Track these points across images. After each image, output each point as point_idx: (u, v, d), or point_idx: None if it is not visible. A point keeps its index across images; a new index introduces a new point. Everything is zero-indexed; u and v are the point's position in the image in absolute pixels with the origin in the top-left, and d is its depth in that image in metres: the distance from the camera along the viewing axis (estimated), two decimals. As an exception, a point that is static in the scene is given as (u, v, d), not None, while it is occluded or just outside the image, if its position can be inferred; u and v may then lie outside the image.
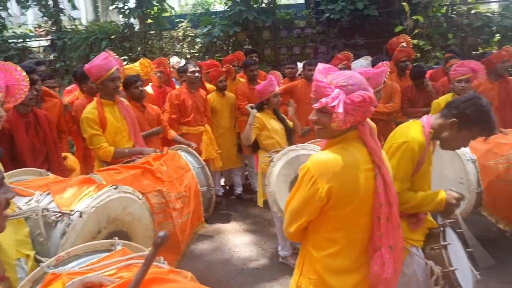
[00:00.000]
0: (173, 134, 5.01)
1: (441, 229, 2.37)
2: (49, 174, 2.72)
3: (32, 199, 2.18)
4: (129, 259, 1.58)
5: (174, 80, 6.61)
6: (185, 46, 9.64)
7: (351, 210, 1.75)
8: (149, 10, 10.17)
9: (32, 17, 15.53)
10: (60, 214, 2.08)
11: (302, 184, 1.80)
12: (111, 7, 10.65)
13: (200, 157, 3.78)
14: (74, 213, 2.08)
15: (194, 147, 4.21)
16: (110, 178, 2.84)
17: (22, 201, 2.19)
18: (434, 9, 7.63)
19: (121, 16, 10.20)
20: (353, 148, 1.79)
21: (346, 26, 8.09)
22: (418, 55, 7.43)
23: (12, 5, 11.83)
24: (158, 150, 3.54)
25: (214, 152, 5.47)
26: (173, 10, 11.43)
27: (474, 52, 7.36)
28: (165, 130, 4.95)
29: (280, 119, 4.35)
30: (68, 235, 2.04)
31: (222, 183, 6.35)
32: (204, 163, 3.70)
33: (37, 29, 11.04)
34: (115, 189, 2.35)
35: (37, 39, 10.67)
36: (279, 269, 4.09)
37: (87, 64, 3.43)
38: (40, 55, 10.31)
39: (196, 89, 5.50)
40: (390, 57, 6.04)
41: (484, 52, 6.43)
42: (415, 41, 7.42)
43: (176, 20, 10.48)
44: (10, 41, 10.31)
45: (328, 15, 8.02)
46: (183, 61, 7.24)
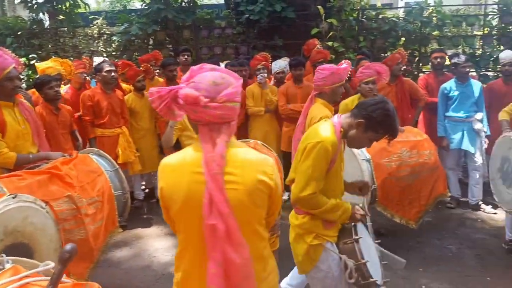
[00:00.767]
0: None
1: (353, 224, 2.49)
2: None
3: None
4: (23, 278, 1.37)
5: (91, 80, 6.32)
6: (101, 45, 9.20)
7: (178, 213, 1.68)
8: (60, 6, 9.55)
9: None
10: None
11: None
12: (17, 0, 9.86)
13: (114, 160, 3.63)
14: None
15: None
16: (12, 185, 2.63)
17: None
18: (347, 13, 8.02)
19: (29, 11, 9.49)
20: (194, 148, 1.71)
21: (266, 28, 8.22)
22: (333, 57, 7.77)
23: None
24: (67, 154, 3.34)
25: (132, 155, 5.28)
26: (87, 6, 10.86)
27: (383, 54, 7.86)
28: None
29: None
30: (-44, 251, 1.83)
31: (143, 187, 6.16)
32: (118, 166, 3.56)
33: None
34: (14, 198, 2.17)
35: None
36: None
37: (-20, 64, 3.12)
38: None
39: (112, 90, 5.27)
40: (307, 58, 6.25)
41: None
42: (330, 43, 7.75)
43: (91, 17, 9.97)
44: None
45: (248, 16, 8.10)
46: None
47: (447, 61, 5.87)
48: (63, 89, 5.48)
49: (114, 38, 8.98)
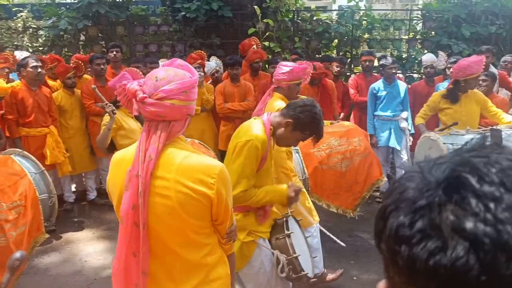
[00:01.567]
0: None
1: (285, 219, 2.55)
2: None
3: None
4: None
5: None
6: (26, 39, 8.64)
7: (116, 208, 1.68)
8: (-20, -4, 8.87)
9: None
10: None
11: None
12: None
13: (40, 162, 3.43)
14: None
15: None
16: None
17: None
18: (282, 14, 8.18)
19: None
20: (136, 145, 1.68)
21: (203, 26, 8.17)
22: (270, 56, 7.89)
23: None
24: (-14, 156, 3.11)
25: (62, 156, 5.02)
26: (11, -2, 10.17)
27: (318, 55, 8.10)
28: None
29: (138, 118, 4.18)
30: None
31: (74, 189, 5.88)
32: (44, 168, 3.37)
33: None
34: None
35: None
36: (136, 274, 3.94)
37: None
38: None
39: (38, 86, 4.98)
40: (243, 58, 6.29)
41: (326, 55, 7.13)
42: (266, 43, 7.87)
43: (15, 9, 9.32)
44: None
45: (184, 14, 7.99)
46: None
47: (376, 63, 6.18)
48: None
49: (41, 33, 8.48)
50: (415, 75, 7.98)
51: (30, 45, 8.56)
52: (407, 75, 7.89)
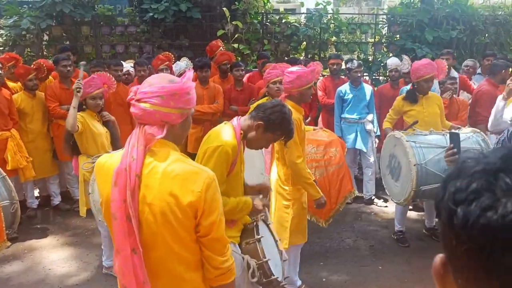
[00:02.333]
0: None
1: (255, 224, 2.55)
2: None
3: None
4: None
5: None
6: (-15, 38, 8.30)
7: (105, 211, 1.69)
8: None
9: None
10: None
11: None
12: None
13: (0, 168, 3.30)
14: None
15: None
16: None
17: None
18: (251, 17, 8.20)
19: None
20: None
21: (171, 27, 8.08)
22: (239, 59, 7.89)
23: None
24: None
25: (24, 160, 4.85)
26: (-32, -4, 9.72)
27: (286, 58, 8.16)
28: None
29: (106, 123, 4.09)
30: None
31: (37, 194, 5.69)
32: (5, 174, 3.24)
33: None
34: None
35: None
36: (102, 282, 3.85)
37: None
38: None
39: (-3, 88, 4.79)
40: (211, 59, 6.26)
41: (295, 58, 7.19)
42: (235, 45, 7.87)
43: (-28, 7, 8.95)
44: None
45: (152, 15, 7.89)
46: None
47: (344, 66, 6.28)
48: None
49: (2, 32, 8.17)
50: (381, 78, 8.18)
51: (-11, 45, 8.23)
52: (374, 78, 8.07)
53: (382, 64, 7.97)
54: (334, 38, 8.44)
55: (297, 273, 3.68)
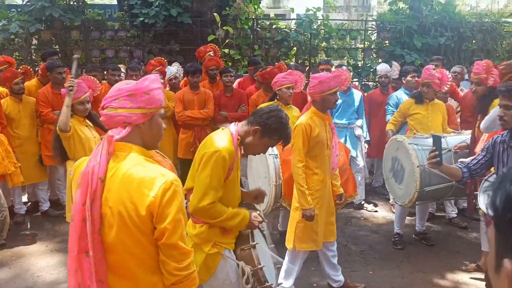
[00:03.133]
0: None
1: (250, 230, 2.55)
2: None
3: None
4: None
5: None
6: (-27, 42, 8.20)
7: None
8: None
9: None
10: None
11: None
12: None
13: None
14: None
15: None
16: None
17: None
18: (242, 22, 8.23)
19: None
20: None
21: (162, 32, 8.08)
22: (230, 64, 7.91)
23: None
24: None
25: (12, 166, 4.79)
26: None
27: (277, 63, 8.19)
28: None
29: (99, 126, 4.05)
30: None
31: (26, 200, 5.62)
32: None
33: None
34: None
35: None
36: None
37: None
38: None
39: (-15, 93, 4.74)
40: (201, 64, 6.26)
41: (286, 64, 7.22)
42: (226, 50, 7.89)
43: (-40, 11, 8.84)
44: None
45: (143, 19, 7.88)
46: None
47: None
48: None
49: (-10, 36, 8.08)
50: (371, 84, 8.25)
51: (-23, 49, 8.14)
52: (363, 84, 8.13)
53: (372, 70, 8.05)
54: (324, 44, 8.51)
55: (291, 278, 3.67)
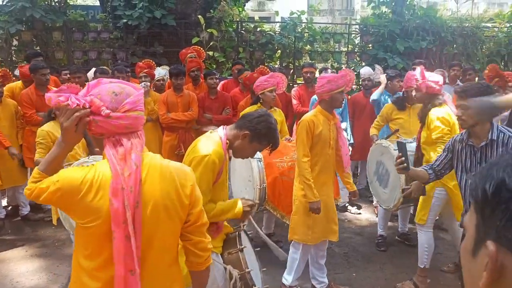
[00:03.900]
0: None
1: (237, 233, 2.54)
2: None
3: None
4: None
5: None
6: (-49, 43, 8.03)
7: (100, 225, 1.62)
8: None
9: None
10: None
11: None
12: None
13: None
14: None
15: None
16: None
17: None
18: (226, 25, 8.23)
19: None
20: (100, 165, 1.62)
21: (145, 34, 8.03)
22: (214, 66, 7.90)
23: None
24: None
25: (-10, 169, 4.69)
26: None
27: (260, 66, 8.21)
28: None
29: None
30: None
31: (5, 204, 5.50)
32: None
33: None
34: None
35: None
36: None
37: None
38: None
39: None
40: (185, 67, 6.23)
41: (268, 66, 7.23)
42: (211, 53, 7.87)
43: None
44: None
45: (126, 21, 7.82)
46: None
47: (318, 74, 6.36)
48: None
49: (-32, 37, 7.93)
50: (354, 87, 8.31)
51: (-45, 50, 7.96)
52: (347, 87, 8.19)
53: (355, 73, 8.11)
54: (308, 47, 8.56)
55: (292, 272, 3.72)
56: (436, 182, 3.34)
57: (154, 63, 6.35)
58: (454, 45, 8.45)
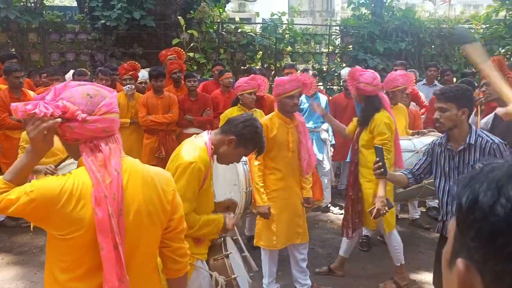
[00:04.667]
0: None
1: (222, 239, 2.50)
2: None
3: None
4: None
5: None
6: None
7: (82, 235, 1.55)
8: None
9: None
10: None
11: None
12: None
13: None
14: None
15: None
16: None
17: None
18: (207, 26, 8.19)
19: None
20: (77, 174, 1.54)
21: (124, 35, 7.92)
22: (195, 67, 7.84)
23: None
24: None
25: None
26: None
27: (243, 67, 8.20)
28: None
29: None
30: None
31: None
32: None
33: None
34: None
35: None
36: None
37: None
38: None
39: None
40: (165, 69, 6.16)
41: (250, 67, 7.22)
42: (191, 54, 7.81)
43: None
44: None
45: (104, 22, 7.70)
46: None
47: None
48: None
49: None
50: (335, 88, 8.38)
51: None
52: (328, 88, 8.25)
53: (336, 74, 8.17)
54: (290, 48, 8.58)
55: (267, 277, 3.70)
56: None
57: (138, 65, 6.24)
58: (432, 46, 8.58)
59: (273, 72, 8.35)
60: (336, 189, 6.40)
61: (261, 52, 8.50)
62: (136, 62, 6.33)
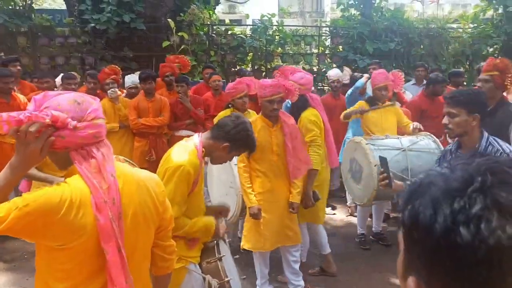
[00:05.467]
0: None
1: (215, 242, 2.51)
2: None
3: None
4: None
5: None
6: None
7: (86, 241, 1.53)
8: None
9: None
10: None
11: None
12: None
13: None
14: None
15: None
16: None
17: None
18: (197, 28, 8.19)
19: None
20: (71, 182, 1.50)
21: (114, 38, 7.90)
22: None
23: None
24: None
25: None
26: None
27: (233, 69, 8.22)
28: None
29: None
30: None
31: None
32: None
33: None
34: None
35: None
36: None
37: None
38: None
39: None
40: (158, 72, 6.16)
41: (240, 69, 7.24)
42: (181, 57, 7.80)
43: None
44: None
45: (94, 25, 7.67)
46: None
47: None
48: None
49: None
50: (326, 88, 8.41)
51: None
52: (319, 89, 8.29)
53: (326, 75, 8.21)
54: (280, 50, 8.62)
55: (259, 278, 3.73)
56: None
57: (120, 69, 6.17)
58: (421, 46, 8.66)
59: (264, 74, 8.37)
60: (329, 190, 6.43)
61: (252, 54, 8.52)
62: (118, 66, 6.28)
